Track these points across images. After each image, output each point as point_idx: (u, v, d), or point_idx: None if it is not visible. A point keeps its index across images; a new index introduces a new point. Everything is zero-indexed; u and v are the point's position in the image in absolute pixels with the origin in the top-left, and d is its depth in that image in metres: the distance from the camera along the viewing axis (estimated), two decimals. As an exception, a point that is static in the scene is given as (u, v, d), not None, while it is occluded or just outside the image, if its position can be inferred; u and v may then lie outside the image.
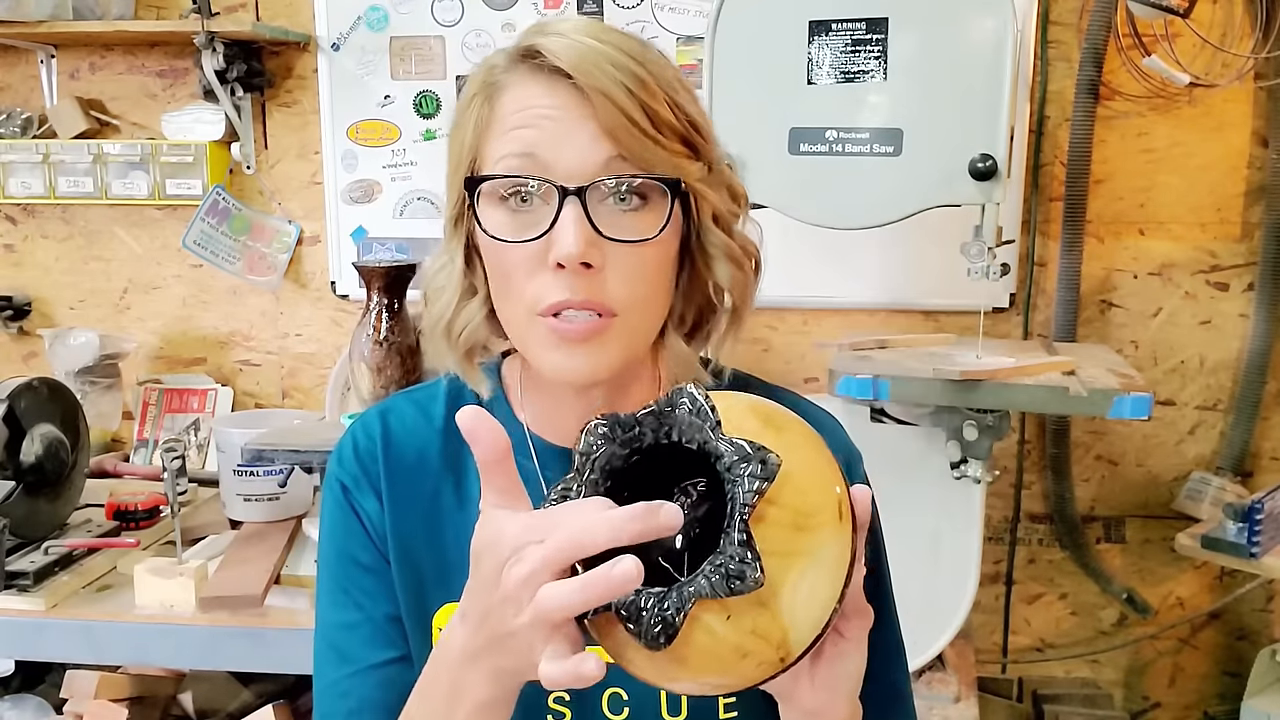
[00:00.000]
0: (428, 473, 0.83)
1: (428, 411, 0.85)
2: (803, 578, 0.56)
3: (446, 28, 2.18)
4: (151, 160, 2.24)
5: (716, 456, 0.57)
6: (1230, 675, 2.22)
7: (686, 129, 0.74)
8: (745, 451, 0.56)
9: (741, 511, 0.55)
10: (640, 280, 0.73)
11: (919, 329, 2.15)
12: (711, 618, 0.55)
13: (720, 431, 0.57)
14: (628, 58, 0.71)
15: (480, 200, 0.74)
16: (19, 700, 1.95)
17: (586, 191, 0.70)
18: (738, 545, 0.54)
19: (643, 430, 0.60)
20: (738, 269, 0.79)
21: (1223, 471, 2.11)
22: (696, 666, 0.57)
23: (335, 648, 0.81)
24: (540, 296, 0.72)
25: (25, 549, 1.72)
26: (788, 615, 0.56)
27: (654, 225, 0.72)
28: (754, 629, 0.56)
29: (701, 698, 0.78)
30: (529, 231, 0.71)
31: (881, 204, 1.61)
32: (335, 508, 0.84)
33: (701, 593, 0.54)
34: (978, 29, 1.55)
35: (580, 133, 0.71)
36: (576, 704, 0.77)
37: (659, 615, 0.55)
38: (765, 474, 0.55)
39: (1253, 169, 2.06)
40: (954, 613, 1.76)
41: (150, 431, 2.38)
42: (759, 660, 0.56)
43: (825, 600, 0.57)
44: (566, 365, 0.73)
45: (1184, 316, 2.12)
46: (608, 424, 0.61)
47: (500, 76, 0.75)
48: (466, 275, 0.80)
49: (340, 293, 2.33)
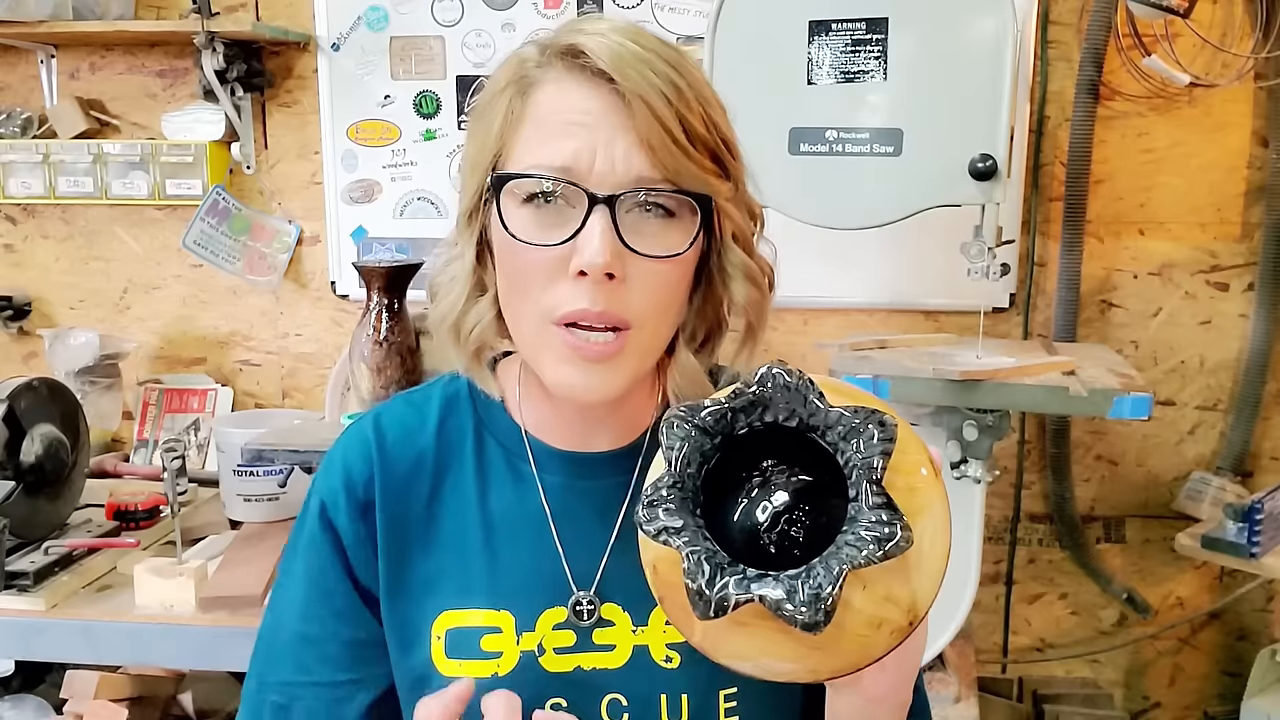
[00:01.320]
0: (423, 477, 0.82)
1: (422, 413, 0.84)
2: (924, 534, 0.56)
3: (446, 28, 2.18)
4: (151, 160, 2.24)
5: (827, 427, 0.56)
6: (1230, 675, 2.22)
7: (718, 145, 0.73)
8: (862, 416, 0.55)
9: (872, 474, 0.54)
10: (659, 295, 0.72)
11: (919, 329, 2.15)
12: (849, 591, 0.54)
13: (828, 403, 0.56)
14: (667, 65, 0.70)
15: (503, 197, 0.72)
16: (19, 700, 1.95)
17: (616, 201, 0.69)
18: (879, 508, 0.53)
19: (735, 415, 0.59)
20: (755, 288, 0.78)
21: (1223, 471, 2.11)
22: (834, 644, 0.55)
23: (293, 654, 0.81)
24: (558, 304, 0.70)
25: (25, 549, 1.72)
26: (916, 576, 0.55)
27: (679, 240, 0.71)
28: (888, 595, 0.55)
29: (703, 701, 0.77)
30: (553, 235, 0.70)
31: (881, 204, 1.61)
32: (316, 524, 0.83)
33: (853, 561, 0.52)
34: (978, 29, 1.55)
35: (617, 141, 0.69)
36: (575, 710, 0.76)
37: (810, 591, 0.52)
38: (887, 434, 0.54)
39: (1253, 169, 2.06)
40: (954, 613, 1.76)
41: (150, 431, 2.38)
42: (891, 628, 0.56)
43: (942, 555, 0.57)
44: (578, 383, 0.72)
45: (1184, 316, 2.12)
46: (688, 413, 0.59)
47: (534, 71, 0.73)
48: (477, 272, 0.78)
49: (340, 293, 2.32)
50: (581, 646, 0.78)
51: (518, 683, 0.76)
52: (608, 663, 0.78)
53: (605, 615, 0.79)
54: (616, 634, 0.79)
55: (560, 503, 0.80)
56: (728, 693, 0.78)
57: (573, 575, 0.79)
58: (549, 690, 0.77)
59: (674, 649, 0.78)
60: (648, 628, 0.78)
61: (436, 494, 0.82)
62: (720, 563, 0.56)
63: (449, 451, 0.83)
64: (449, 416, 0.84)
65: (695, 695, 0.77)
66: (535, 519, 0.80)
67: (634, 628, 0.79)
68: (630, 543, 0.79)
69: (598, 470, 0.81)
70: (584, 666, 0.78)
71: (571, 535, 0.80)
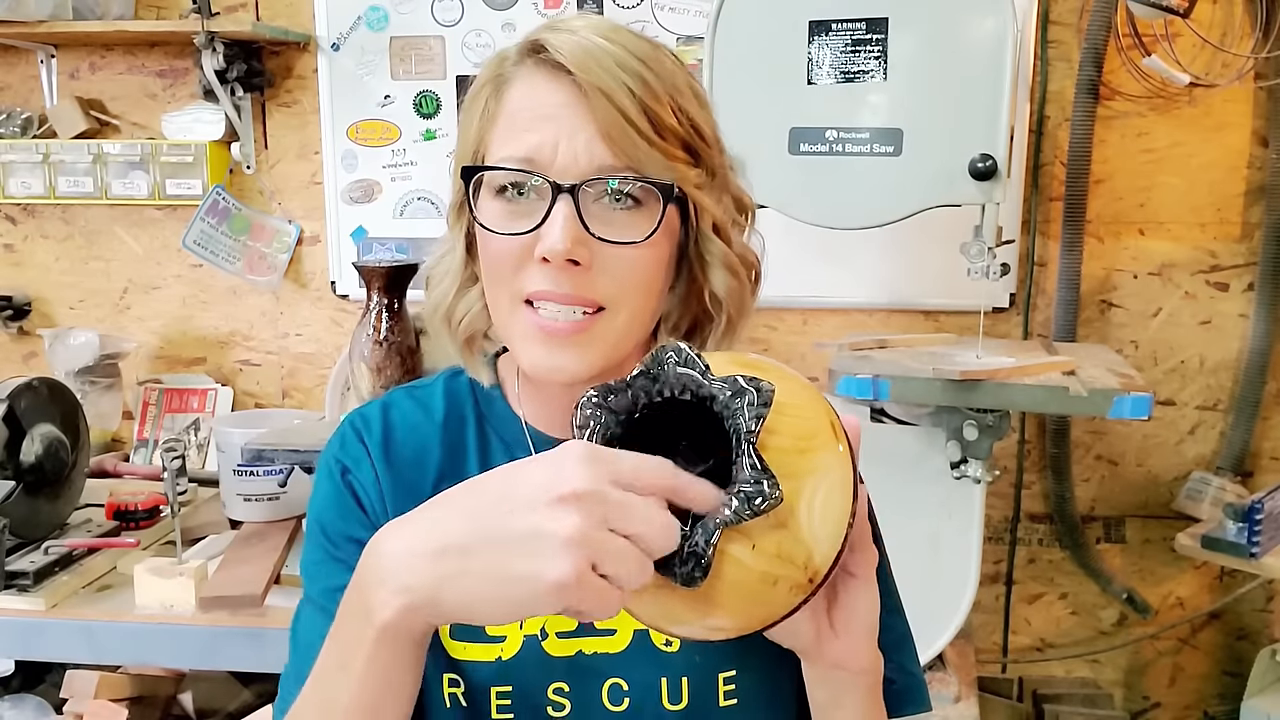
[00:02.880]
0: (429, 466, 0.83)
1: (427, 406, 0.86)
2: (815, 495, 0.58)
3: (446, 28, 2.18)
4: (151, 160, 2.24)
5: (711, 398, 0.58)
6: (1230, 675, 2.22)
7: (689, 134, 0.74)
8: (739, 385, 0.58)
9: (747, 438, 0.56)
10: (629, 280, 0.74)
11: (919, 329, 2.15)
12: (737, 549, 0.56)
13: (711, 375, 0.59)
14: (634, 58, 0.72)
15: (479, 190, 0.76)
16: (19, 700, 1.95)
17: (579, 190, 0.71)
18: (751, 469, 0.56)
19: (635, 392, 0.61)
20: (734, 279, 0.79)
21: (1223, 471, 2.11)
22: (732, 603, 0.58)
23: (325, 610, 0.77)
24: (524, 285, 0.73)
25: (25, 549, 1.72)
26: (808, 533, 0.58)
27: (646, 228, 0.73)
28: (779, 552, 0.57)
29: (702, 685, 0.78)
30: (521, 224, 0.73)
31: (881, 204, 1.61)
32: (331, 488, 0.83)
33: (725, 521, 0.55)
34: (978, 29, 1.55)
35: (579, 132, 0.71)
36: (576, 695, 0.77)
37: (689, 550, 0.56)
38: (762, 399, 0.57)
39: (1253, 169, 2.06)
40: (954, 613, 1.76)
41: (150, 431, 2.38)
42: (790, 584, 0.58)
43: (839, 516, 0.59)
44: (548, 362, 0.74)
45: (1184, 316, 2.12)
46: (599, 393, 0.62)
47: (508, 69, 0.76)
48: (467, 264, 0.81)
49: (340, 293, 2.33)
50: (583, 631, 0.78)
51: (520, 667, 0.77)
52: (608, 647, 0.79)
53: None
54: (616, 619, 0.79)
55: None
56: (726, 676, 0.79)
57: None
58: (551, 674, 0.77)
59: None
60: None
61: (440, 485, 0.82)
62: None
63: (452, 443, 0.84)
64: (452, 409, 0.86)
65: (695, 679, 0.78)
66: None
67: None
68: None
69: None
70: (585, 651, 0.78)
71: None
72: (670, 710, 0.78)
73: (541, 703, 0.78)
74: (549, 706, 0.78)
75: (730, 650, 0.79)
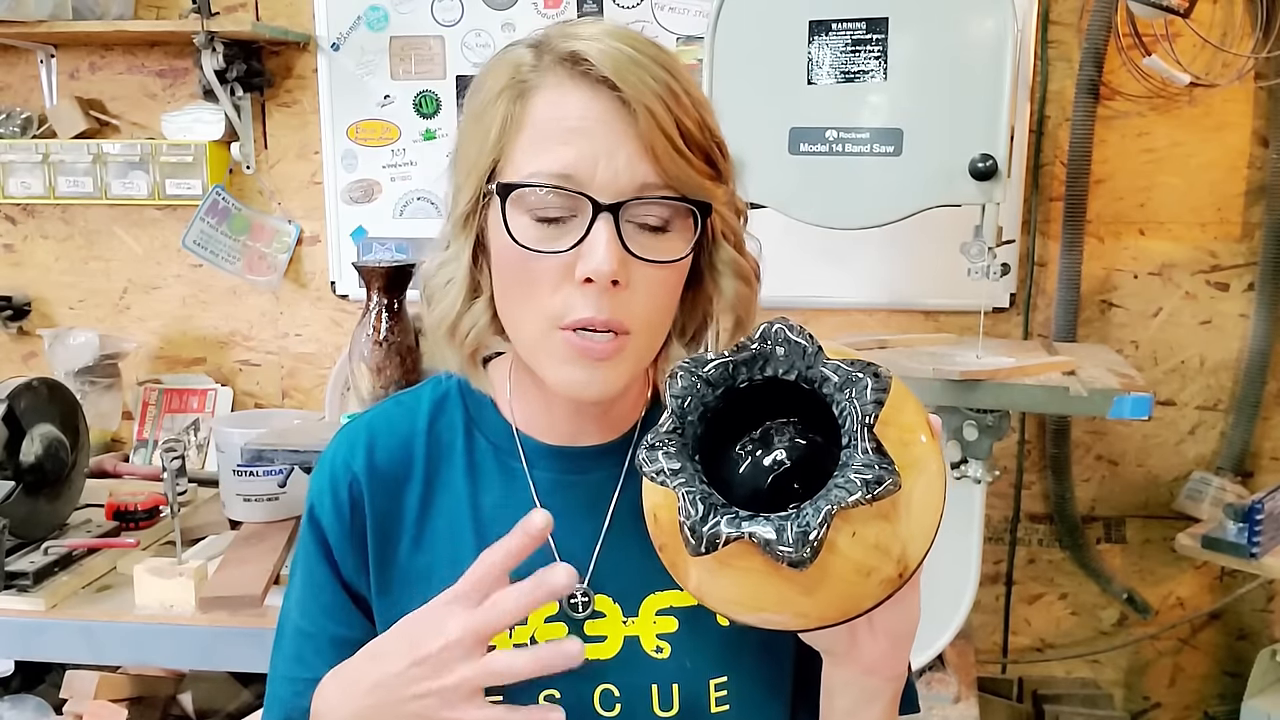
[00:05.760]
0: (414, 476, 0.83)
1: (413, 414, 0.85)
2: (915, 488, 0.57)
3: (446, 28, 2.18)
4: (151, 160, 2.24)
5: (823, 380, 0.57)
6: (1230, 675, 2.22)
7: (711, 147, 0.74)
8: (859, 368, 0.56)
9: (865, 422, 0.55)
10: (659, 299, 0.74)
11: (919, 329, 2.15)
12: (837, 535, 0.55)
13: (825, 357, 0.58)
14: (663, 70, 0.71)
15: (507, 205, 0.73)
16: (19, 700, 1.95)
17: (620, 209, 0.70)
18: (869, 454, 0.55)
19: (737, 369, 0.60)
20: (744, 284, 0.79)
21: (1223, 471, 2.11)
22: (822, 590, 0.57)
23: (294, 648, 0.85)
24: (565, 310, 0.71)
25: (25, 549, 1.72)
26: (905, 527, 0.57)
27: (679, 245, 0.73)
28: (877, 543, 0.56)
29: (693, 691, 0.78)
30: (558, 242, 0.71)
31: (881, 204, 1.61)
32: (306, 524, 0.85)
33: (841, 501, 0.54)
34: (978, 29, 1.55)
35: (620, 149, 0.70)
36: (567, 701, 0.77)
37: (798, 529, 0.54)
38: (881, 385, 0.56)
39: (1253, 169, 2.06)
40: (954, 613, 1.76)
41: (150, 431, 2.37)
42: (881, 577, 0.57)
43: (934, 512, 0.58)
44: (580, 380, 0.73)
45: (1184, 316, 2.12)
46: (694, 364, 0.61)
47: (532, 76, 0.73)
48: (472, 274, 0.79)
49: (340, 293, 2.33)
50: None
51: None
52: (599, 654, 0.79)
53: (596, 607, 0.80)
54: (607, 625, 0.80)
55: (550, 497, 0.81)
56: (718, 681, 0.79)
57: None
58: (541, 681, 0.77)
59: (664, 639, 0.79)
60: (638, 619, 0.80)
61: (428, 493, 0.83)
62: (715, 503, 0.58)
63: (440, 451, 0.84)
64: (439, 416, 0.85)
65: (686, 685, 0.78)
66: (526, 514, 0.81)
67: (624, 619, 0.80)
68: (620, 534, 0.80)
69: (587, 464, 0.83)
70: None
71: (562, 529, 0.80)
72: (661, 716, 0.78)
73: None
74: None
75: (721, 656, 0.79)
